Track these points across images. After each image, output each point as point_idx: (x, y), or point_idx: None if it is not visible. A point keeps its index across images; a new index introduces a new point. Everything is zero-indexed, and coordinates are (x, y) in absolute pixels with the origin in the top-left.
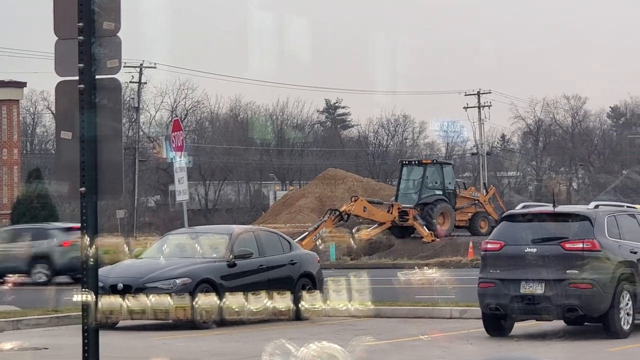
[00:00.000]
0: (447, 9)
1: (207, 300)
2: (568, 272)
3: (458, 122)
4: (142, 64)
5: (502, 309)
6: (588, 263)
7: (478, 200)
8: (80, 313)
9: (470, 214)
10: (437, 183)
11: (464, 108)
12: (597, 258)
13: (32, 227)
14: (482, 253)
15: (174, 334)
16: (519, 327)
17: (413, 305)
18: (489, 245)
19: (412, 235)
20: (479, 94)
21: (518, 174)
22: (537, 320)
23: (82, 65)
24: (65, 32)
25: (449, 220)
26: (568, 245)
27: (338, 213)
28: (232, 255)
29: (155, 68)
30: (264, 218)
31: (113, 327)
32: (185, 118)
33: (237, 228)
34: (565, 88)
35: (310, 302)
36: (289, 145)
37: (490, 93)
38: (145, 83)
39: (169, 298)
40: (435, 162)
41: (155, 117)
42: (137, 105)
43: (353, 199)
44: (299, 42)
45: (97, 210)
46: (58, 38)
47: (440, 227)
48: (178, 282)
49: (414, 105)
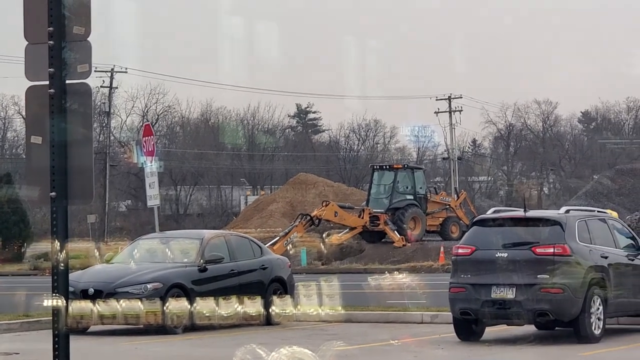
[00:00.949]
0: (418, 14)
1: (178, 305)
2: (539, 276)
3: (429, 126)
4: (113, 69)
5: (473, 314)
6: (559, 268)
7: (449, 205)
8: (51, 318)
9: (442, 219)
10: (408, 188)
11: (435, 113)
12: (568, 263)
13: None
14: (453, 258)
15: (145, 339)
16: (490, 331)
17: (384, 310)
18: (460, 250)
19: (383, 240)
20: (450, 99)
21: (489, 179)
22: (508, 325)
23: (52, 70)
24: (36, 36)
25: (420, 225)
26: (539, 250)
27: (309, 218)
28: (203, 260)
29: (126, 73)
30: (235, 223)
31: (84, 332)
32: (156, 123)
33: (208, 233)
34: (536, 93)
35: (281, 307)
36: (260, 150)
37: (462, 98)
38: (116, 88)
39: (140, 303)
40: (406, 166)
41: (126, 121)
42: (108, 110)
43: (324, 204)
44: (270, 47)
45: (67, 215)
46: (28, 42)
47: (411, 232)
48: (149, 286)
49: (385, 110)
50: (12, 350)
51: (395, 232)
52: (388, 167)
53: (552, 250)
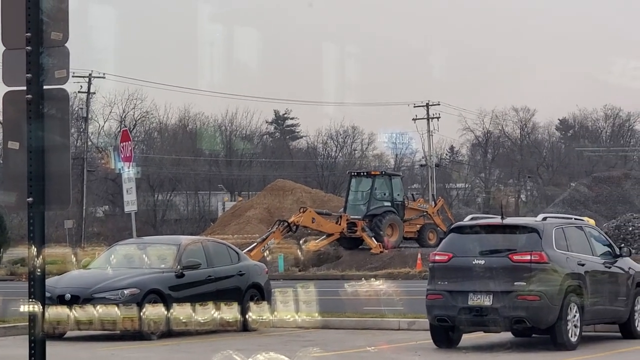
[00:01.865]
0: (395, 21)
1: (155, 311)
2: (516, 284)
3: (407, 133)
4: (90, 74)
5: (450, 321)
6: (536, 275)
7: (426, 212)
8: (27, 323)
9: (419, 226)
10: (385, 194)
11: (413, 120)
12: (544, 270)
13: None
14: (430, 265)
15: (122, 345)
16: (467, 338)
17: (361, 317)
18: (437, 257)
19: (360, 247)
20: (428, 106)
21: (467, 186)
22: (485, 332)
23: (30, 76)
24: (13, 42)
25: (398, 232)
26: (516, 257)
27: (286, 224)
28: (180, 266)
29: (104, 78)
30: (213, 229)
31: (60, 337)
32: (134, 128)
33: (185, 239)
34: (514, 100)
35: (258, 313)
36: (238, 156)
37: (439, 105)
38: (94, 93)
39: (117, 309)
40: (384, 173)
41: (104, 127)
42: (85, 116)
43: (301, 210)
44: (248, 53)
45: (44, 221)
46: (6, 48)
47: (389, 238)
48: (126, 292)
49: (363, 117)
50: None
51: (373, 238)
52: (366, 173)
53: (529, 258)
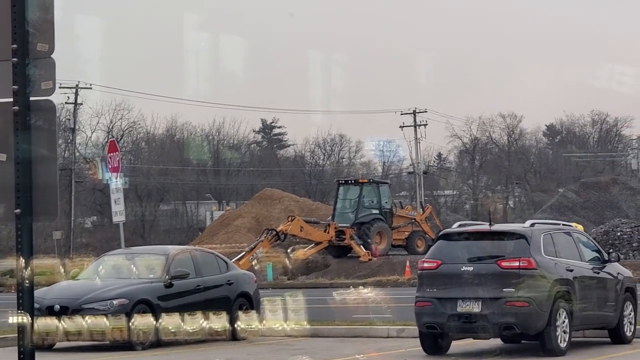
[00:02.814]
0: (382, 28)
1: (143, 321)
2: (505, 290)
3: (394, 141)
4: (77, 85)
5: (439, 328)
6: (524, 281)
7: (415, 219)
8: (16, 335)
9: (407, 233)
10: (373, 202)
11: (400, 127)
12: (533, 276)
13: None
14: (418, 272)
15: (111, 355)
16: (456, 345)
17: (350, 325)
18: (426, 264)
19: (349, 255)
20: (415, 113)
21: (454, 193)
22: (474, 339)
23: (16, 87)
24: None
25: (386, 240)
26: (504, 264)
27: (275, 233)
28: (168, 276)
29: (91, 89)
30: (201, 238)
31: (50, 348)
32: (122, 139)
33: (173, 249)
34: (501, 106)
35: (247, 322)
36: (226, 166)
37: (427, 112)
38: (81, 104)
39: (106, 319)
40: (372, 181)
41: (91, 138)
42: (73, 126)
43: (290, 219)
44: (235, 62)
45: (32, 232)
46: None
47: (377, 246)
48: (115, 303)
49: (350, 125)
50: None
51: (361, 246)
52: (353, 181)
53: (517, 264)
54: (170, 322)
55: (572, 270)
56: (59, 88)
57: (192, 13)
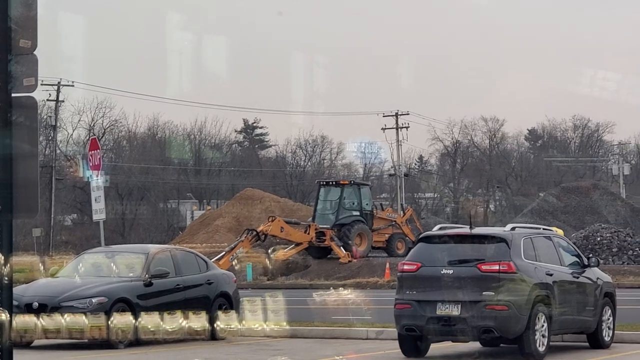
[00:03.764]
0: (365, 30)
1: (123, 320)
2: (484, 293)
3: (376, 143)
4: (59, 82)
5: (418, 330)
6: (504, 285)
7: (395, 222)
8: None
9: (388, 235)
10: (354, 204)
11: (382, 129)
12: (513, 280)
13: None
14: (398, 274)
15: (89, 353)
16: (435, 348)
17: (329, 326)
18: (406, 267)
19: (329, 256)
20: (397, 115)
21: (435, 196)
22: (453, 342)
23: None
24: None
25: (366, 241)
26: (484, 267)
27: (255, 233)
28: (148, 275)
29: (73, 86)
30: (181, 237)
31: (28, 346)
32: (103, 137)
33: (153, 247)
34: (483, 110)
35: (227, 322)
36: (207, 165)
37: (408, 114)
38: (63, 101)
39: (85, 317)
40: (353, 183)
41: (73, 135)
42: (54, 124)
43: (270, 219)
44: (217, 61)
45: (12, 229)
46: None
47: (357, 247)
48: (94, 301)
49: (332, 126)
50: None
51: (341, 248)
52: (334, 183)
53: (497, 268)
54: (150, 321)
55: (551, 275)
56: (41, 85)
57: (175, 12)
